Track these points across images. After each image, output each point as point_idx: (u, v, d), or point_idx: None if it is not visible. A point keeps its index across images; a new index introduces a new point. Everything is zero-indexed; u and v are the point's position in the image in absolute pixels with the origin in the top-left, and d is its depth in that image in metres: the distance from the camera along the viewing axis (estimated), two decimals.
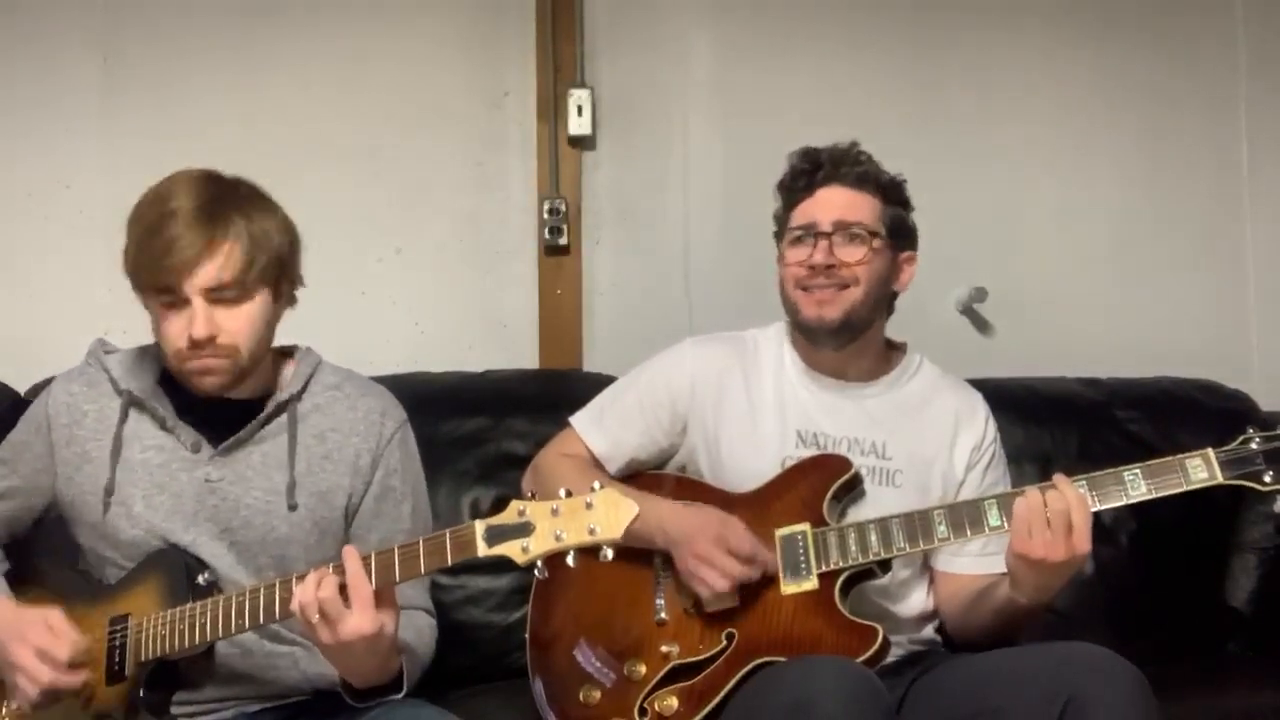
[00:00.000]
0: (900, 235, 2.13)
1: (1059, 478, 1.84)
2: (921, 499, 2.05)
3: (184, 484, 1.86)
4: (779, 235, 2.15)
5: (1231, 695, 2.25)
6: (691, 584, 1.95)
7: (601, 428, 2.17)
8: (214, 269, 1.76)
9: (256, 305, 1.82)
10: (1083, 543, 1.80)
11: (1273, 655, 2.47)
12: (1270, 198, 3.04)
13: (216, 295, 1.78)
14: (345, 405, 1.95)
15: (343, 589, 1.64)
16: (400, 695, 1.78)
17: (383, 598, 1.66)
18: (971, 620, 2.05)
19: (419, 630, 1.93)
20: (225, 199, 1.81)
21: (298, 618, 1.66)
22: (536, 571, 1.58)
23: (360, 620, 1.63)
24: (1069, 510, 1.80)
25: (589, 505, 1.56)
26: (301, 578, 1.67)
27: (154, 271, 1.77)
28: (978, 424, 2.16)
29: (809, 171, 2.10)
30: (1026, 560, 1.82)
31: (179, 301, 1.78)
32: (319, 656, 1.76)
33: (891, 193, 2.12)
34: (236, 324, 1.80)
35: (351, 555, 1.66)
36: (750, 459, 2.08)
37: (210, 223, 1.76)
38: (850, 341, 2.10)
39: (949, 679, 1.90)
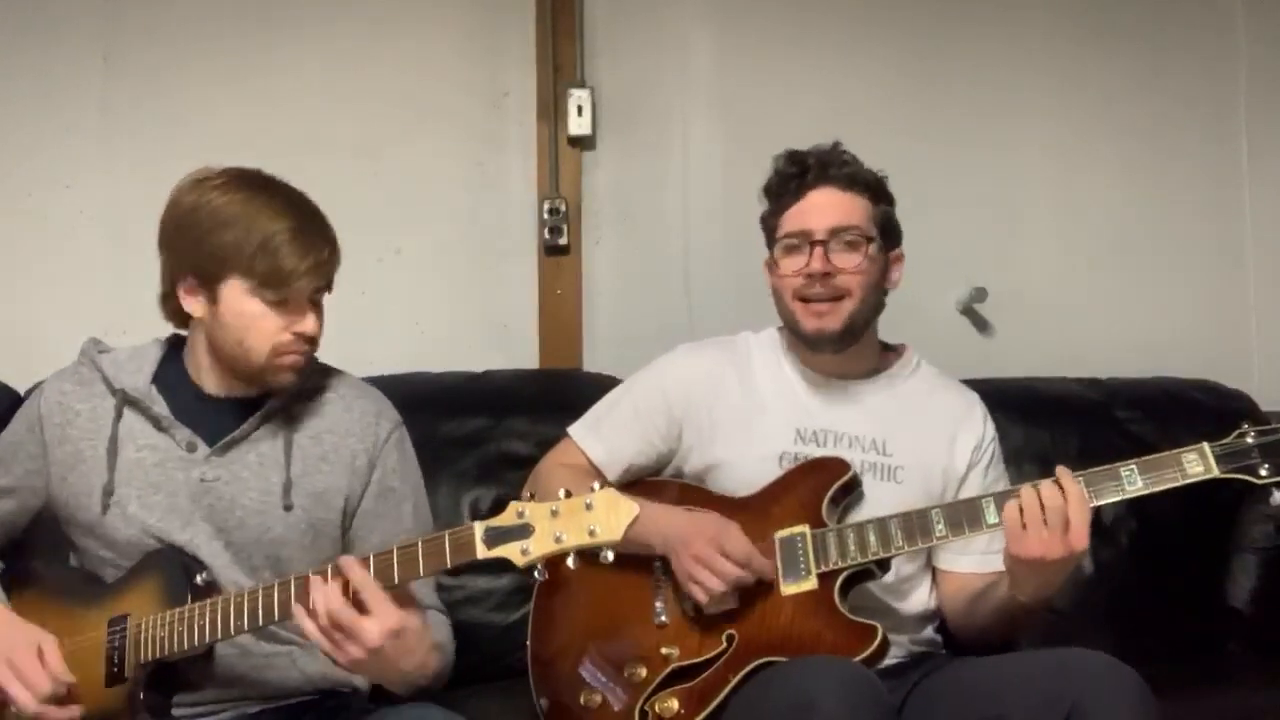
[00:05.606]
0: (889, 234, 2.12)
1: (1062, 470, 1.82)
2: (924, 495, 2.05)
3: (179, 484, 1.86)
4: (769, 241, 2.12)
5: (1231, 695, 2.25)
6: (688, 587, 1.94)
7: (598, 435, 2.17)
8: (327, 272, 1.87)
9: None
10: (1080, 539, 1.78)
11: (1273, 655, 2.46)
12: (1270, 198, 3.03)
13: (318, 296, 1.88)
14: (341, 407, 1.96)
15: (356, 600, 1.64)
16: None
17: (397, 595, 1.66)
18: (973, 619, 2.04)
19: (439, 628, 1.93)
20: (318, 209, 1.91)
21: (316, 642, 1.66)
22: (536, 573, 1.58)
23: (383, 619, 1.63)
24: (1065, 506, 1.78)
25: (589, 506, 1.56)
26: (299, 578, 1.67)
27: (287, 272, 1.81)
28: (976, 423, 2.16)
29: (797, 175, 2.08)
30: (1023, 560, 1.81)
31: (289, 298, 1.84)
32: (318, 655, 1.75)
33: (879, 191, 2.10)
34: (321, 320, 1.89)
35: (351, 564, 1.66)
36: (748, 458, 2.08)
37: (325, 231, 1.88)
38: (851, 345, 2.10)
39: (951, 684, 1.90)
